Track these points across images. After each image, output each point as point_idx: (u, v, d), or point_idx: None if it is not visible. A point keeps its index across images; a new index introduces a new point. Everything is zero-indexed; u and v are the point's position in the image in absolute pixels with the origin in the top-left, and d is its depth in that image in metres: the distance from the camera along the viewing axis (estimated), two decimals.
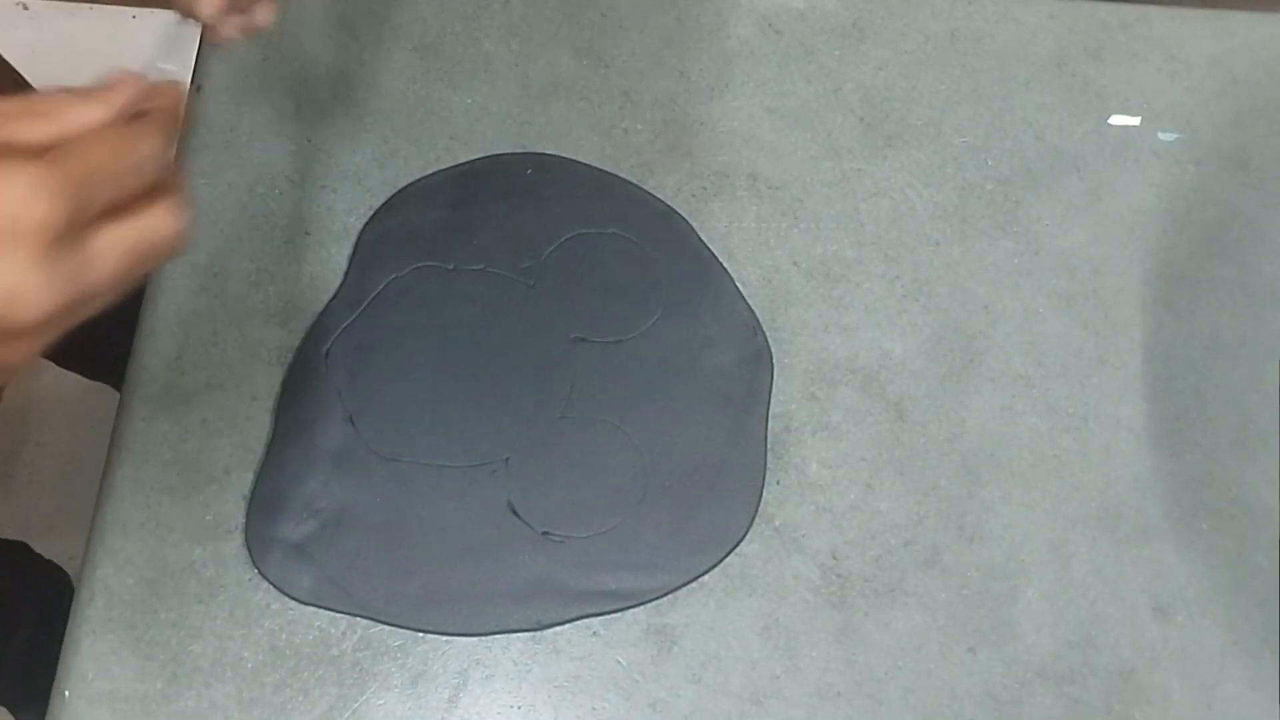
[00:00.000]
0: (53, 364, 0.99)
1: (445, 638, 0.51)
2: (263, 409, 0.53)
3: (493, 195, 0.57)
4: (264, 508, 0.52)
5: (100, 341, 0.90)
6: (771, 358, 0.56)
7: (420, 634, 0.51)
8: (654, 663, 0.51)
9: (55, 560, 0.98)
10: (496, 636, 0.51)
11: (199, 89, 0.59)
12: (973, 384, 0.56)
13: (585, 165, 0.59)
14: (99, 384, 1.04)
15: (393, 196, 0.57)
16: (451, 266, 0.56)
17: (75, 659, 0.50)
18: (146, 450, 0.52)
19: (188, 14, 0.45)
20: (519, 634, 0.51)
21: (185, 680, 0.50)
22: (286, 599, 0.51)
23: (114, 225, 0.36)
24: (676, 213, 0.58)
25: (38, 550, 0.97)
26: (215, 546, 0.51)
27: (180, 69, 0.41)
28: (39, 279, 0.33)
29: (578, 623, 0.51)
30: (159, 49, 0.41)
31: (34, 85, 0.75)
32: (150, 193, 0.37)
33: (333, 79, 0.60)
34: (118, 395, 0.54)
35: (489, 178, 0.58)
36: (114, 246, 0.36)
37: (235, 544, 0.51)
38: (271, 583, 0.51)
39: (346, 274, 0.56)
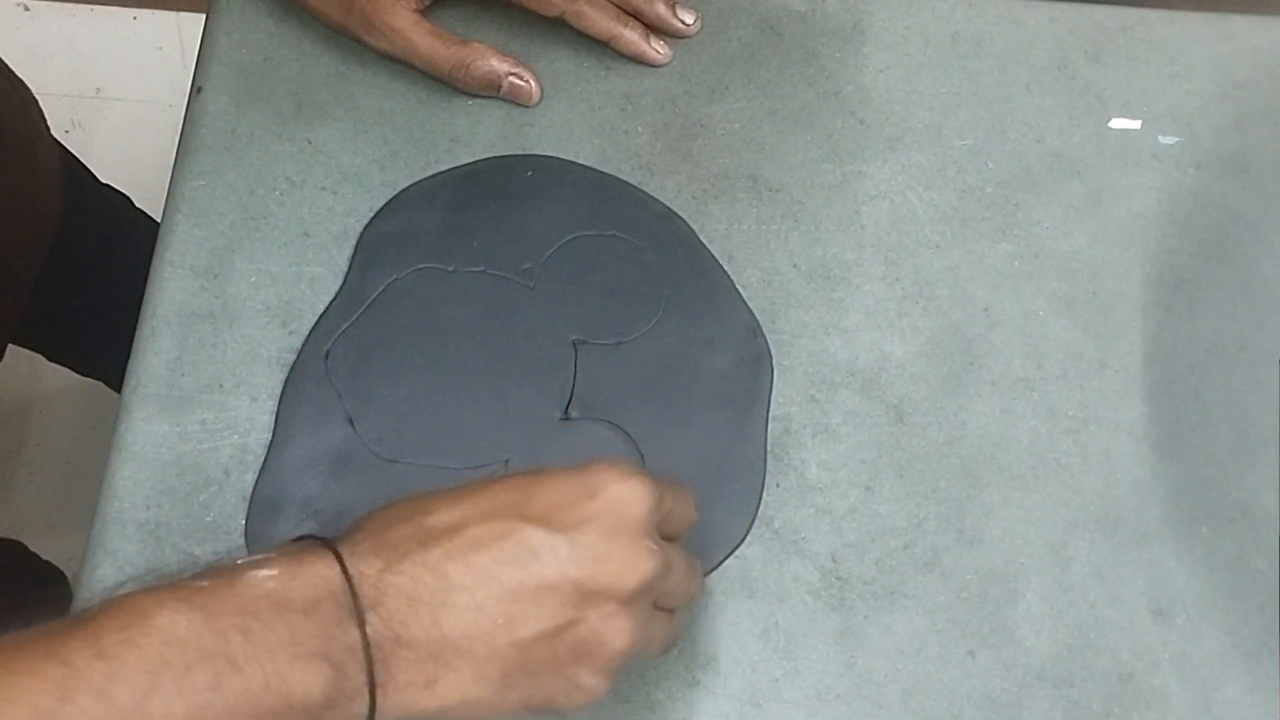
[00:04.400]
0: (47, 362, 0.98)
1: None
2: (263, 410, 0.53)
3: (493, 197, 0.57)
4: (264, 509, 0.52)
5: (92, 336, 0.90)
6: (771, 360, 0.56)
7: None
8: (652, 664, 0.51)
9: (55, 561, 0.98)
10: None
11: (199, 90, 0.59)
12: (972, 387, 0.56)
13: (585, 167, 0.59)
14: (100, 385, 1.04)
15: (393, 198, 0.57)
16: (451, 268, 0.56)
17: None
18: (146, 451, 0.52)
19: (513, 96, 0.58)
20: None
21: None
22: None
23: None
24: (677, 215, 0.58)
25: (36, 551, 0.97)
26: (215, 547, 0.51)
27: None
28: (643, 555, 0.41)
29: None
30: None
31: (32, 85, 0.75)
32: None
33: (333, 79, 0.60)
34: (118, 395, 0.54)
35: (489, 180, 0.58)
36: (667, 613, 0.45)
37: (235, 545, 0.51)
38: None
39: (347, 275, 0.56)
